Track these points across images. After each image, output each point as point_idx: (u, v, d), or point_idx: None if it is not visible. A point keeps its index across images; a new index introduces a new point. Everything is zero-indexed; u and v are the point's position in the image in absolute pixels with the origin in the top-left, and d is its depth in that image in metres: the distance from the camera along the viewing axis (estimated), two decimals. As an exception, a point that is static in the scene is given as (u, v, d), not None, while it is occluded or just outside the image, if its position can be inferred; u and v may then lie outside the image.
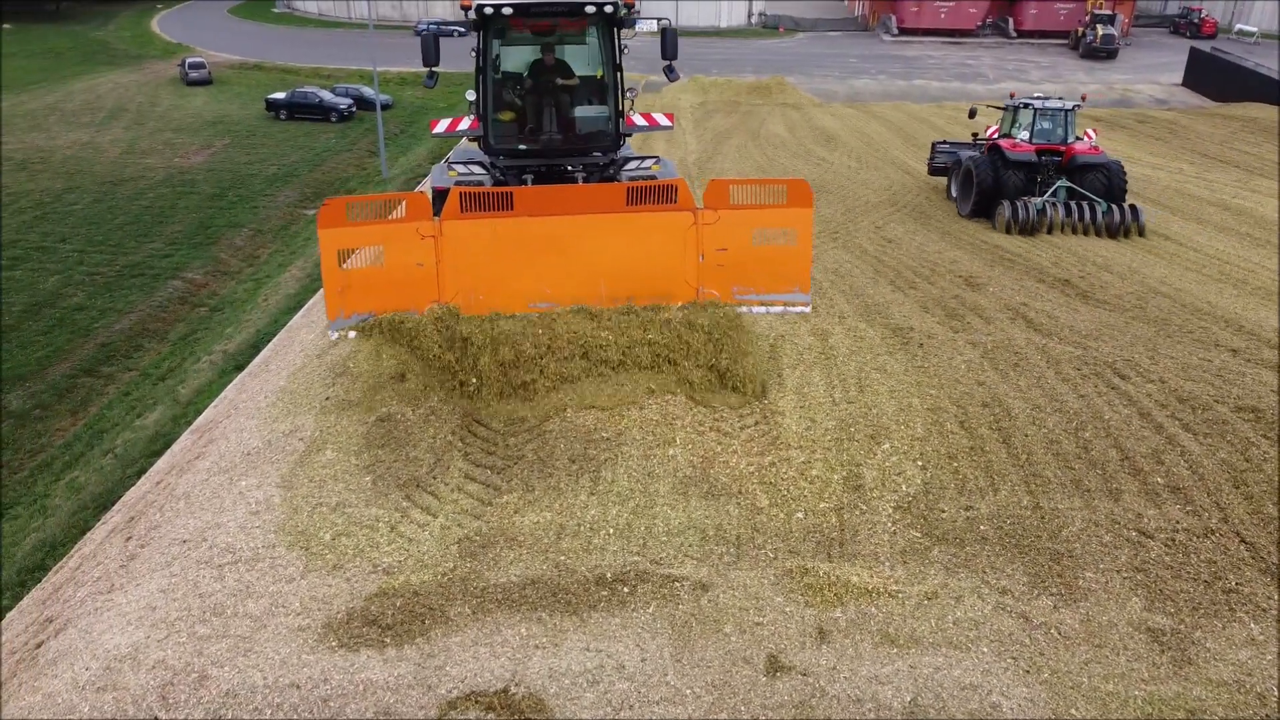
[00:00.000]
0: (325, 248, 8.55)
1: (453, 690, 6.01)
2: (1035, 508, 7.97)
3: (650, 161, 11.14)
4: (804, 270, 9.16)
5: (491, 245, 8.75)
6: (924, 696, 6.00)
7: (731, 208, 8.87)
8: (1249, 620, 6.71)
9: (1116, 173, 18.80)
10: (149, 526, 8.59)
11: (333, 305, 8.78)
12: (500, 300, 8.97)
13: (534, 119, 11.22)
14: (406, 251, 8.64)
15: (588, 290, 9.07)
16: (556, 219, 8.73)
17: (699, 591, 6.87)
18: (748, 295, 9.20)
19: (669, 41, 10.79)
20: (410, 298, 8.84)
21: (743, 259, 9.04)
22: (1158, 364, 11.16)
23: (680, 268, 9.05)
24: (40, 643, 7.14)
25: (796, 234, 9.02)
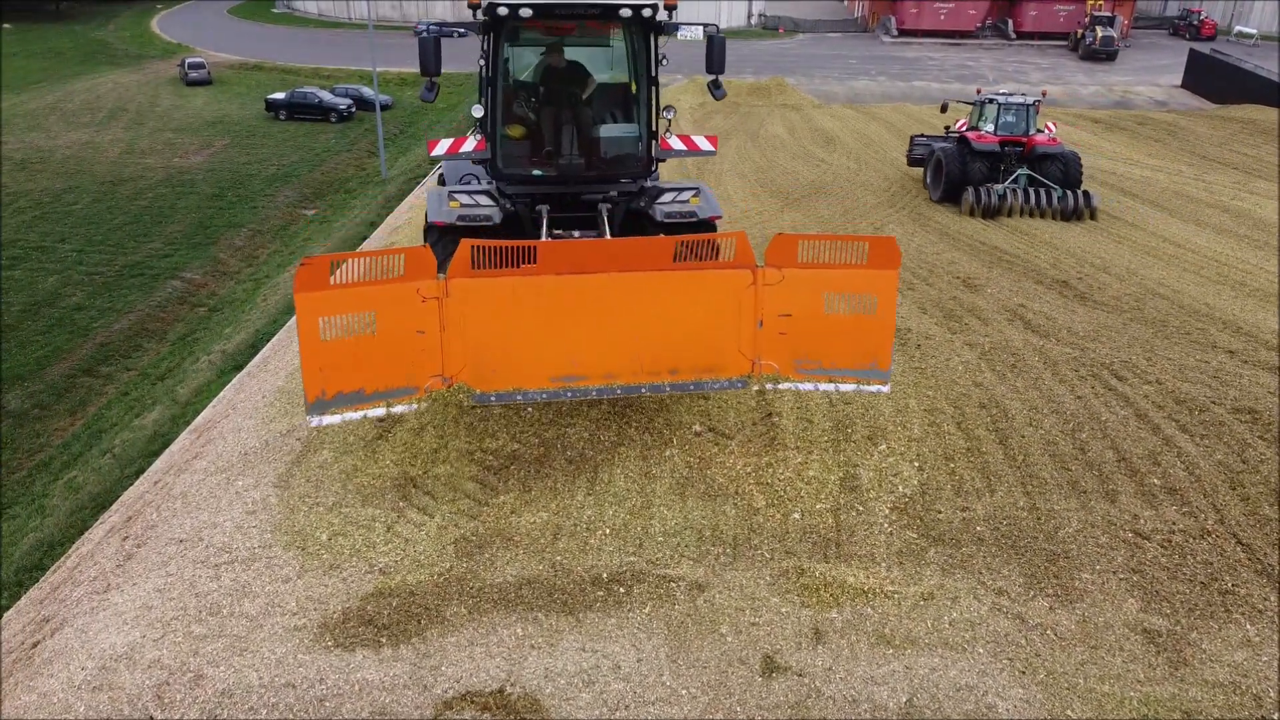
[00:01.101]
0: (304, 316, 6.75)
1: (448, 690, 6.01)
2: (1032, 509, 7.97)
3: (689, 193, 9.44)
4: (885, 343, 7.63)
5: (509, 308, 7.24)
6: (920, 697, 6.00)
7: (800, 266, 7.41)
8: (1245, 622, 6.72)
9: (1073, 162, 20.56)
10: (146, 526, 8.59)
11: (312, 384, 6.95)
12: (518, 374, 7.46)
13: (552, 139, 9.62)
14: (404, 317, 7.08)
15: (624, 361, 7.54)
16: (589, 278, 7.24)
17: (695, 592, 6.87)
18: (813, 369, 7.70)
19: (716, 52, 9.17)
20: (407, 372, 7.24)
21: (810, 327, 7.56)
22: (1155, 365, 11.17)
23: (734, 335, 7.57)
24: (36, 642, 7.14)
25: (878, 300, 7.45)
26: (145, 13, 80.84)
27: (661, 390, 7.62)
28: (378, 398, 7.19)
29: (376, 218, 29.39)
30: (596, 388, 7.54)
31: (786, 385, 7.72)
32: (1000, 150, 20.66)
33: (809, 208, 21.91)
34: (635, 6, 8.72)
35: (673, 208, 9.27)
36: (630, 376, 7.56)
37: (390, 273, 6.95)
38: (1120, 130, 35.29)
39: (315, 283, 6.70)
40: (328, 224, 31.94)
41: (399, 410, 7.25)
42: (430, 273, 7.07)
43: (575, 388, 7.50)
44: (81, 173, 36.56)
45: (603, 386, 7.55)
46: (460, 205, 9.12)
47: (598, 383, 7.53)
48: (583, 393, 7.53)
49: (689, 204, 9.30)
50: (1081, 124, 36.46)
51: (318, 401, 7.00)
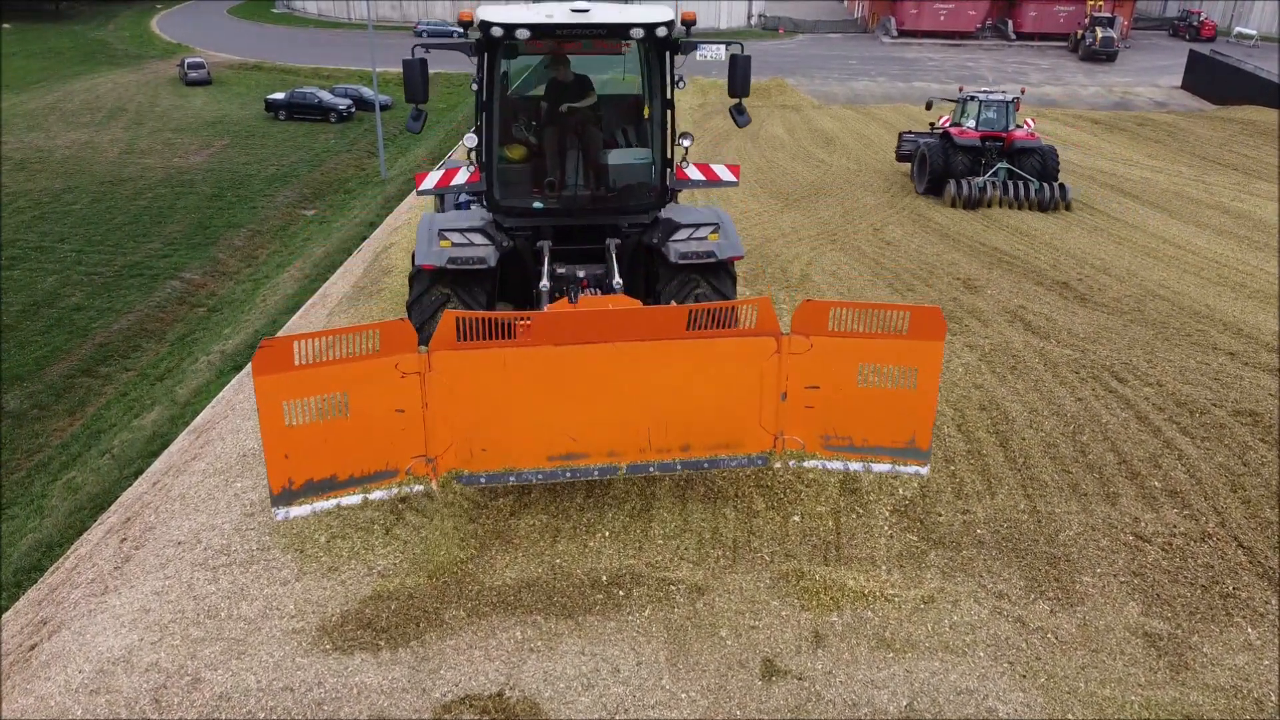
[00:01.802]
0: (265, 401, 6.11)
1: (447, 694, 5.99)
2: (1032, 511, 7.95)
3: (707, 229, 8.49)
4: (925, 421, 6.93)
5: (500, 383, 6.60)
6: (920, 701, 5.98)
7: (831, 335, 6.74)
8: (1246, 625, 6.70)
9: (1050, 156, 21.73)
10: (144, 528, 8.56)
11: (276, 474, 6.31)
12: (511, 453, 6.86)
13: (555, 166, 8.78)
14: (381, 395, 6.42)
15: (630, 438, 6.91)
16: (590, 348, 6.58)
17: (695, 595, 6.85)
18: (843, 446, 7.04)
19: (740, 74, 8.29)
20: (386, 455, 6.62)
21: (841, 400, 6.90)
22: (1156, 367, 11.15)
23: (754, 408, 6.92)
24: (34, 645, 7.11)
25: (919, 374, 6.77)
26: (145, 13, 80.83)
27: (672, 469, 7.05)
28: (353, 484, 6.60)
29: (376, 218, 29.38)
30: (599, 467, 6.95)
31: (813, 463, 7.10)
32: (981, 145, 21.82)
33: (809, 208, 21.90)
34: (648, 25, 7.81)
35: (688, 246, 8.39)
36: (637, 454, 6.96)
37: (364, 349, 6.29)
38: (1120, 131, 35.28)
39: (277, 364, 6.05)
40: (327, 224, 31.92)
41: (377, 496, 6.67)
42: (410, 346, 6.43)
43: (575, 467, 6.91)
44: (81, 173, 36.54)
45: (606, 465, 6.95)
46: (451, 245, 8.20)
47: (600, 461, 6.94)
48: (583, 473, 6.93)
49: (706, 241, 8.41)
50: (1081, 125, 36.47)
51: (284, 492, 6.36)
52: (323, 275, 24.02)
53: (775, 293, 14.29)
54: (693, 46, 8.27)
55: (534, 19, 7.75)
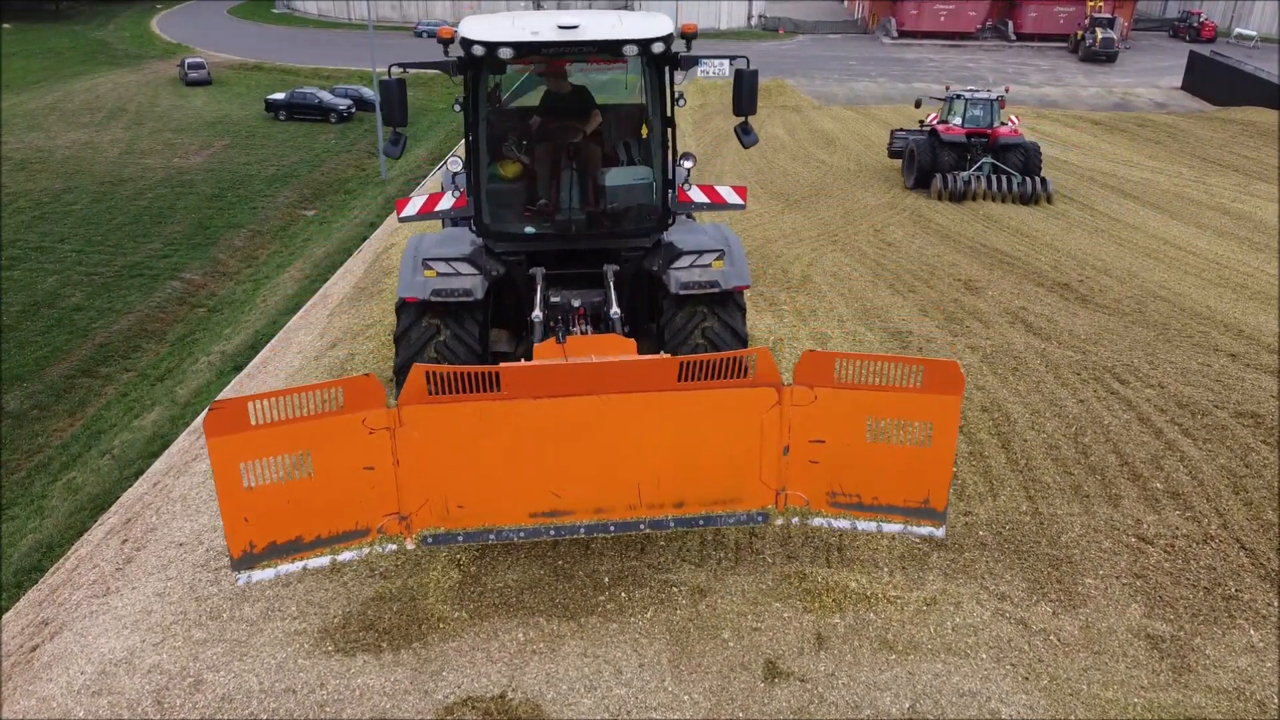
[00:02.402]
0: (219, 463, 5.75)
1: (449, 695, 5.99)
2: (1034, 513, 7.95)
3: (711, 255, 7.86)
4: (941, 480, 6.40)
5: (476, 437, 6.22)
6: (923, 703, 5.98)
7: (837, 386, 6.31)
8: (1249, 627, 6.70)
9: (1033, 152, 22.79)
10: (146, 529, 8.57)
11: (235, 538, 5.97)
12: (490, 510, 6.45)
13: (549, 187, 8.24)
14: (348, 453, 6.07)
15: (619, 494, 6.50)
16: (572, 400, 6.17)
17: (697, 596, 6.85)
18: (851, 504, 6.59)
19: (746, 90, 7.69)
20: (355, 514, 6.24)
21: (848, 456, 6.46)
22: (1157, 369, 11.15)
23: (753, 463, 6.51)
24: (36, 646, 7.11)
25: (933, 429, 6.28)
26: (145, 13, 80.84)
27: (665, 526, 6.59)
28: (320, 544, 6.21)
29: (377, 218, 29.40)
30: (585, 524, 6.50)
31: (819, 521, 6.63)
32: (967, 141, 22.88)
33: (809, 209, 21.91)
34: (643, 40, 7.22)
35: (690, 275, 7.77)
36: (627, 511, 6.50)
37: (327, 406, 5.96)
38: (1120, 132, 35.29)
39: (231, 426, 5.70)
40: (327, 224, 31.94)
41: (347, 558, 6.28)
42: (377, 401, 6.04)
43: (560, 524, 6.49)
44: (81, 173, 36.55)
45: (593, 523, 6.51)
46: (436, 275, 7.68)
47: (586, 518, 6.49)
48: (569, 530, 6.50)
49: (710, 270, 7.79)
50: (1081, 126, 36.47)
51: (245, 556, 6.01)
52: (323, 276, 24.03)
53: (776, 293, 14.29)
54: (694, 62, 7.70)
55: (519, 36, 7.14)
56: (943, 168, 22.79)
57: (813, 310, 13.45)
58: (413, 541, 6.38)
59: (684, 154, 8.12)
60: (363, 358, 11.95)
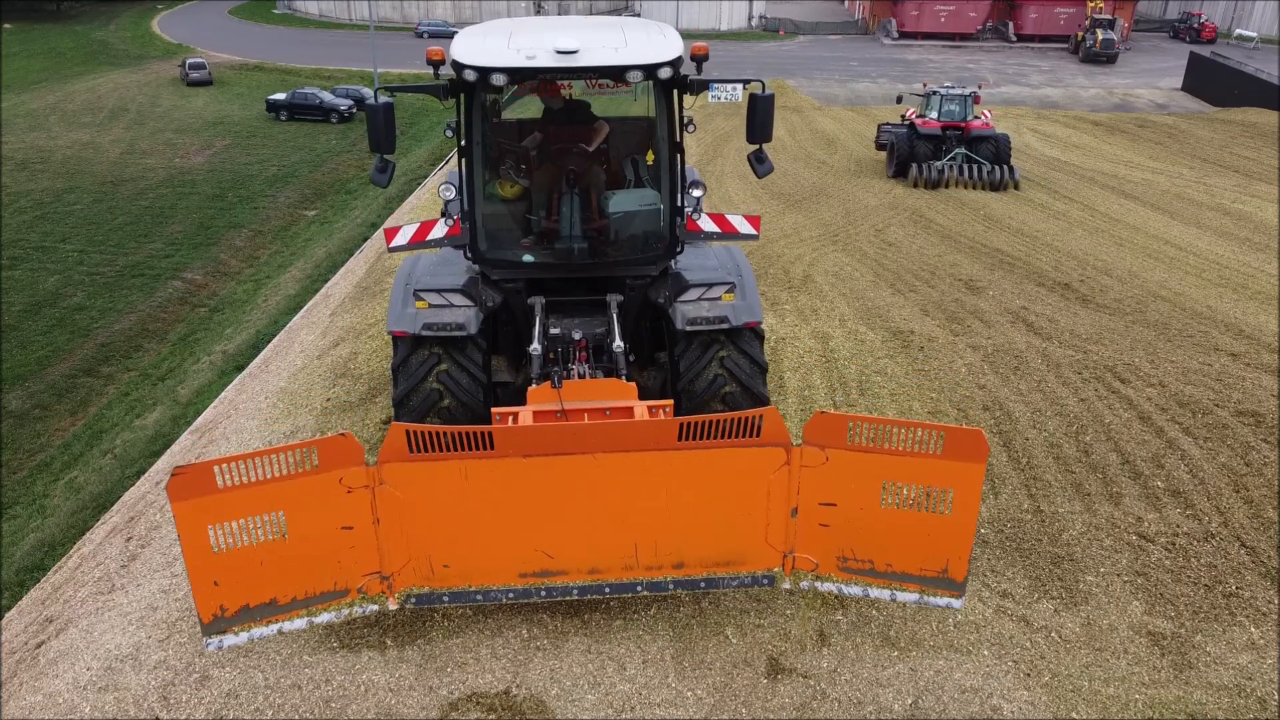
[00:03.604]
0: (185, 528, 5.50)
1: (454, 692, 6.02)
2: (1036, 511, 7.98)
3: (722, 288, 7.45)
4: (961, 550, 6.02)
5: (461, 495, 5.94)
6: (925, 699, 6.01)
7: (850, 449, 5.99)
8: (1249, 624, 6.72)
9: (1003, 143, 24.88)
10: (150, 527, 8.59)
11: (205, 602, 5.70)
12: (477, 570, 6.19)
13: (546, 215, 7.73)
14: (324, 513, 5.84)
15: (615, 555, 6.22)
16: (564, 459, 5.88)
17: (699, 594, 6.87)
18: (864, 570, 6.25)
19: (760, 115, 7.14)
20: (333, 575, 5.98)
21: (861, 521, 6.14)
22: (1158, 368, 11.18)
23: (760, 524, 6.22)
24: (41, 642, 7.14)
25: (954, 496, 5.91)
26: (146, 13, 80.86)
27: (664, 589, 6.32)
28: (296, 606, 5.97)
29: (378, 219, 29.42)
30: (578, 585, 6.22)
31: (829, 587, 6.28)
32: (942, 133, 24.90)
33: (810, 209, 21.94)
34: (648, 66, 6.74)
35: (698, 310, 7.34)
36: (623, 572, 6.23)
37: (300, 466, 5.71)
38: (1121, 133, 35.32)
39: (196, 489, 5.46)
40: (328, 224, 31.96)
41: (325, 619, 6.03)
42: (355, 459, 5.79)
43: (552, 585, 6.21)
44: (82, 173, 36.58)
45: (586, 584, 6.23)
46: (429, 307, 7.33)
47: (580, 579, 6.22)
48: (561, 591, 6.21)
49: (720, 303, 7.35)
50: (1082, 127, 36.50)
51: (215, 620, 5.74)
52: (324, 276, 24.06)
53: (778, 293, 14.32)
54: (704, 86, 7.17)
55: (514, 61, 6.69)
56: (919, 158, 24.79)
57: (814, 310, 13.48)
58: (395, 602, 6.16)
59: (693, 181, 7.64)
60: (365, 356, 11.98)
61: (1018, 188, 24.16)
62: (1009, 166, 24.45)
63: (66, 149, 39.98)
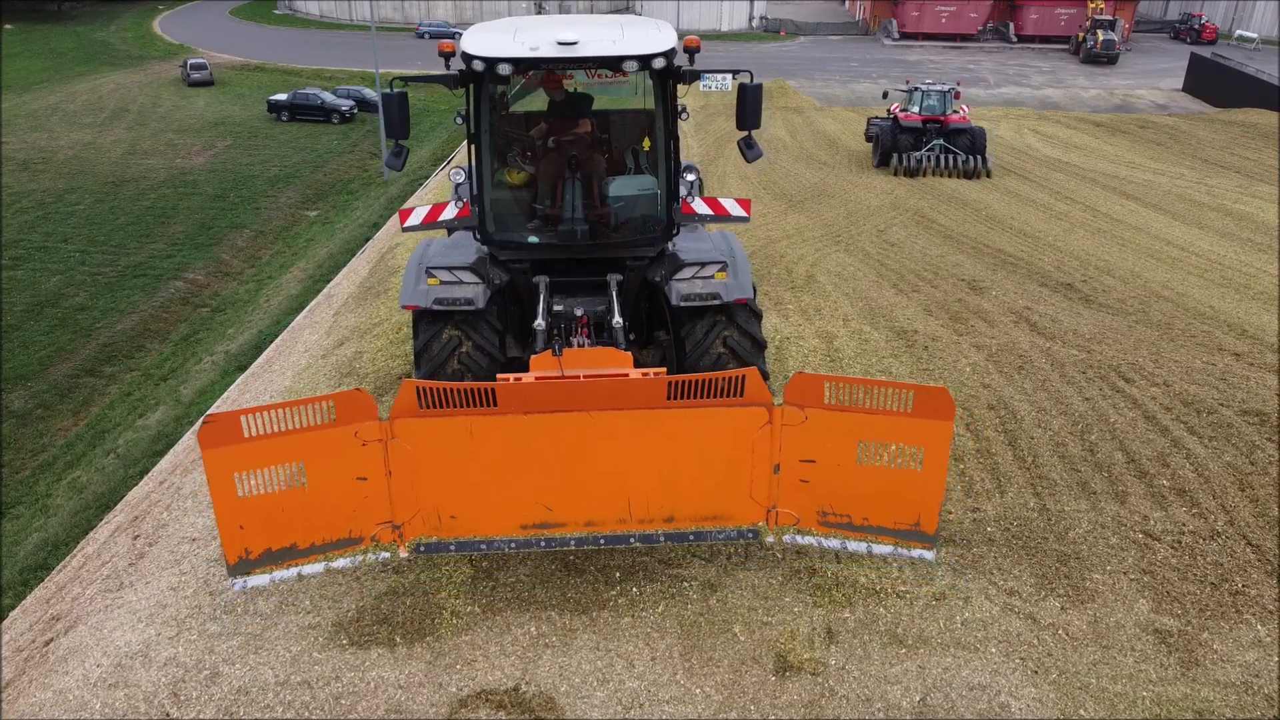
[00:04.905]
0: (214, 474, 6.01)
1: (463, 688, 6.03)
2: (1042, 510, 7.99)
3: (715, 267, 7.81)
4: (932, 503, 6.49)
5: (467, 451, 6.34)
6: (933, 696, 6.02)
7: (827, 408, 6.35)
8: (1256, 622, 6.74)
9: (979, 135, 26.76)
10: (156, 525, 8.60)
11: (231, 545, 6.21)
12: (482, 521, 6.62)
13: (550, 198, 8.19)
14: (340, 464, 6.26)
15: (610, 508, 6.62)
16: (562, 416, 6.28)
17: (708, 591, 6.89)
18: (841, 524, 6.67)
19: (750, 104, 7.63)
20: (348, 523, 6.47)
21: (839, 477, 6.52)
22: (1162, 368, 11.20)
23: (744, 480, 6.60)
24: (49, 640, 7.15)
25: (924, 454, 6.31)
26: (147, 13, 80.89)
27: (655, 541, 6.73)
28: (314, 552, 6.47)
29: (379, 219, 29.45)
30: (575, 537, 6.65)
31: (809, 540, 6.73)
32: (922, 126, 26.86)
33: (812, 210, 21.96)
34: (643, 56, 7.16)
35: (691, 287, 7.75)
36: (617, 524, 6.63)
37: (319, 419, 6.14)
38: (1121, 134, 35.36)
39: (224, 438, 5.94)
40: (330, 225, 31.99)
41: (341, 564, 6.55)
42: (369, 414, 6.23)
43: (550, 536, 6.65)
44: (84, 173, 36.59)
45: (583, 535, 6.65)
46: (439, 284, 7.74)
47: (577, 531, 6.64)
48: (559, 542, 6.66)
49: (712, 281, 7.77)
50: (1083, 128, 36.54)
51: (240, 562, 6.27)
52: (326, 276, 24.08)
53: (781, 293, 14.34)
54: (695, 76, 7.65)
55: (517, 52, 7.16)
56: (901, 149, 26.75)
57: (818, 309, 13.49)
58: (405, 550, 6.60)
59: (687, 166, 7.96)
60: (370, 355, 12.00)
61: (990, 176, 26.04)
62: (983, 157, 26.30)
63: (68, 149, 39.99)
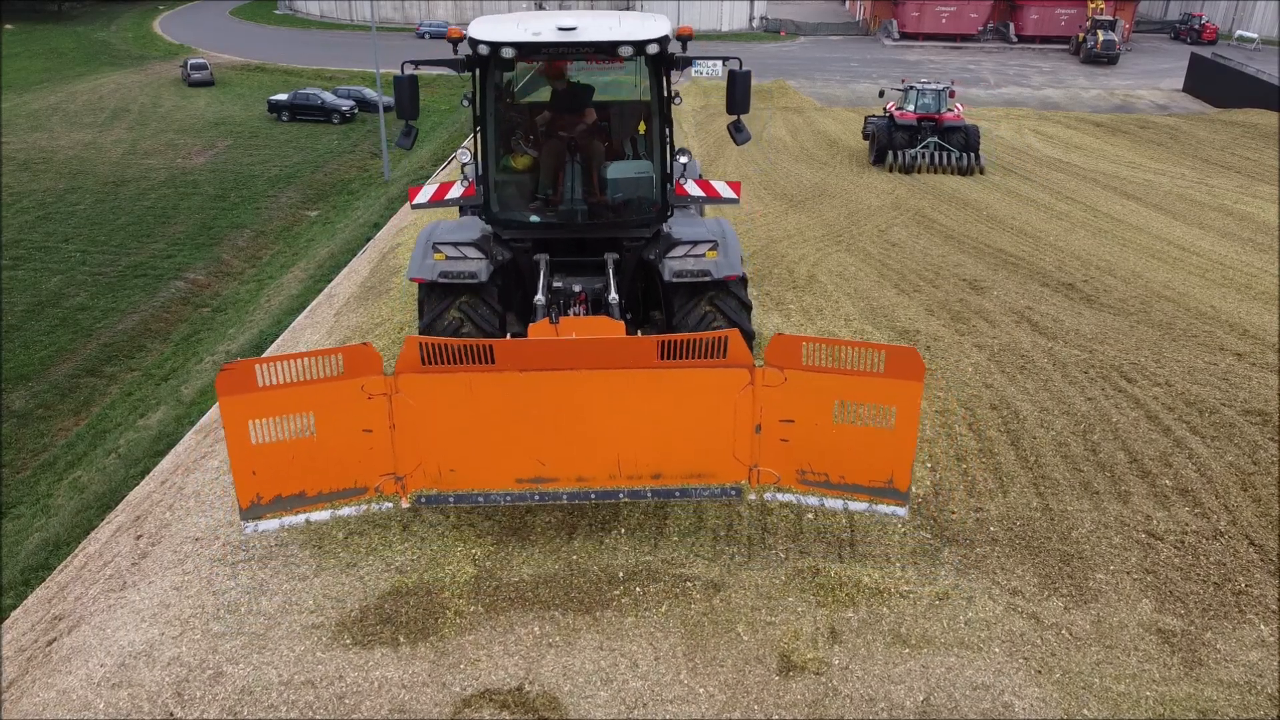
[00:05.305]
0: (230, 420, 6.34)
1: (467, 688, 6.03)
2: (1045, 509, 8.00)
3: (706, 245, 8.19)
4: (904, 462, 6.71)
5: (467, 406, 6.64)
6: (937, 696, 6.02)
7: (805, 369, 6.61)
8: (1259, 622, 6.74)
9: (972, 133, 27.27)
10: (159, 525, 8.60)
11: (244, 489, 6.52)
12: (479, 474, 6.92)
13: (551, 181, 8.60)
14: (347, 416, 6.56)
15: (600, 464, 6.93)
16: (556, 374, 6.58)
17: (711, 591, 6.89)
18: (819, 482, 6.91)
19: (739, 89, 8.08)
20: (354, 473, 6.77)
21: (816, 436, 6.76)
22: (1164, 367, 11.20)
23: (727, 440, 6.85)
24: (52, 640, 7.14)
25: (896, 414, 6.55)
26: (147, 13, 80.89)
27: (643, 496, 7.02)
28: (321, 500, 6.78)
29: (380, 219, 29.44)
30: (567, 491, 6.97)
31: (788, 497, 7.05)
32: (917, 124, 27.37)
33: (813, 210, 21.96)
34: (638, 42, 7.56)
35: (683, 264, 8.14)
36: (607, 480, 6.94)
37: (328, 372, 6.46)
38: (1122, 134, 35.37)
39: (240, 386, 6.26)
40: (330, 225, 31.99)
41: (347, 512, 6.87)
42: (375, 369, 6.57)
43: (544, 490, 6.95)
44: (84, 173, 36.59)
45: (575, 490, 6.97)
46: (445, 258, 8.15)
47: (569, 485, 6.95)
48: (552, 496, 6.97)
49: (703, 259, 8.15)
50: (1083, 128, 36.55)
51: (252, 506, 6.59)
52: (327, 276, 24.08)
53: (783, 293, 14.33)
54: (688, 62, 8.01)
55: (520, 37, 7.59)
56: (896, 146, 27.28)
57: (819, 309, 13.49)
58: (407, 500, 6.92)
59: (680, 149, 8.43)
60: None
61: (982, 172, 26.57)
62: (975, 154, 26.85)
63: (68, 149, 40.00)
